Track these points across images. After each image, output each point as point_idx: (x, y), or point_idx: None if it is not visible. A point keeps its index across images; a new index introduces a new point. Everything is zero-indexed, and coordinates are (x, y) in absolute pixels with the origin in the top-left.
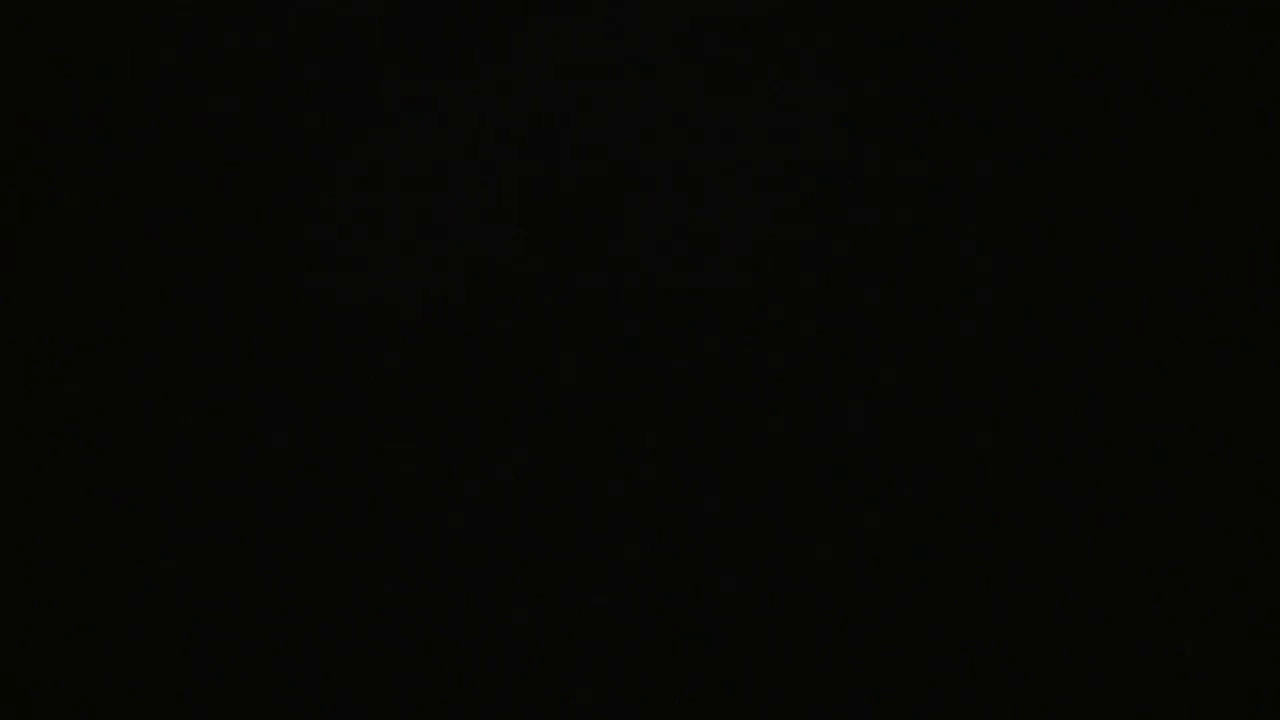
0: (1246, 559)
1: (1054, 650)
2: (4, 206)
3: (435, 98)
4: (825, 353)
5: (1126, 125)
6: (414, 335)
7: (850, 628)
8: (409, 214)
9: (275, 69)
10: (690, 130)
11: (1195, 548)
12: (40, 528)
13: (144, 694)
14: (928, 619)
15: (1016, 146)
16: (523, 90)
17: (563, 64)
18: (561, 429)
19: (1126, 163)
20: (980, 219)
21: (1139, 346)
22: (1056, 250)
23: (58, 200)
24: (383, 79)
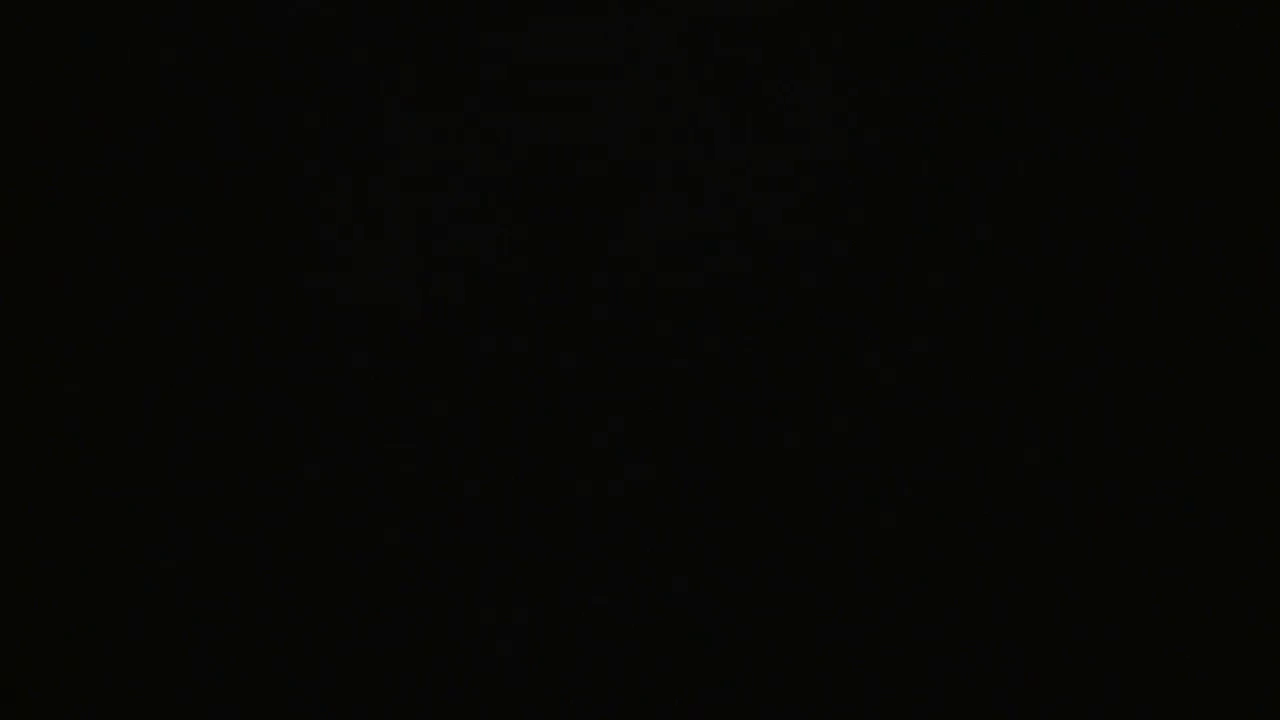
0: (1247, 559)
1: (1054, 650)
2: (4, 206)
3: (435, 98)
4: (825, 353)
5: (1136, 126)
6: (414, 335)
7: (850, 628)
8: (409, 214)
9: (275, 69)
10: (692, 130)
11: (1196, 548)
12: (40, 528)
13: (144, 694)
14: (928, 619)
15: (1025, 147)
16: (523, 90)
17: (563, 64)
18: (561, 429)
19: (1136, 165)
20: (987, 220)
21: (1143, 348)
22: (1062, 251)
23: (58, 200)
24: (382, 79)
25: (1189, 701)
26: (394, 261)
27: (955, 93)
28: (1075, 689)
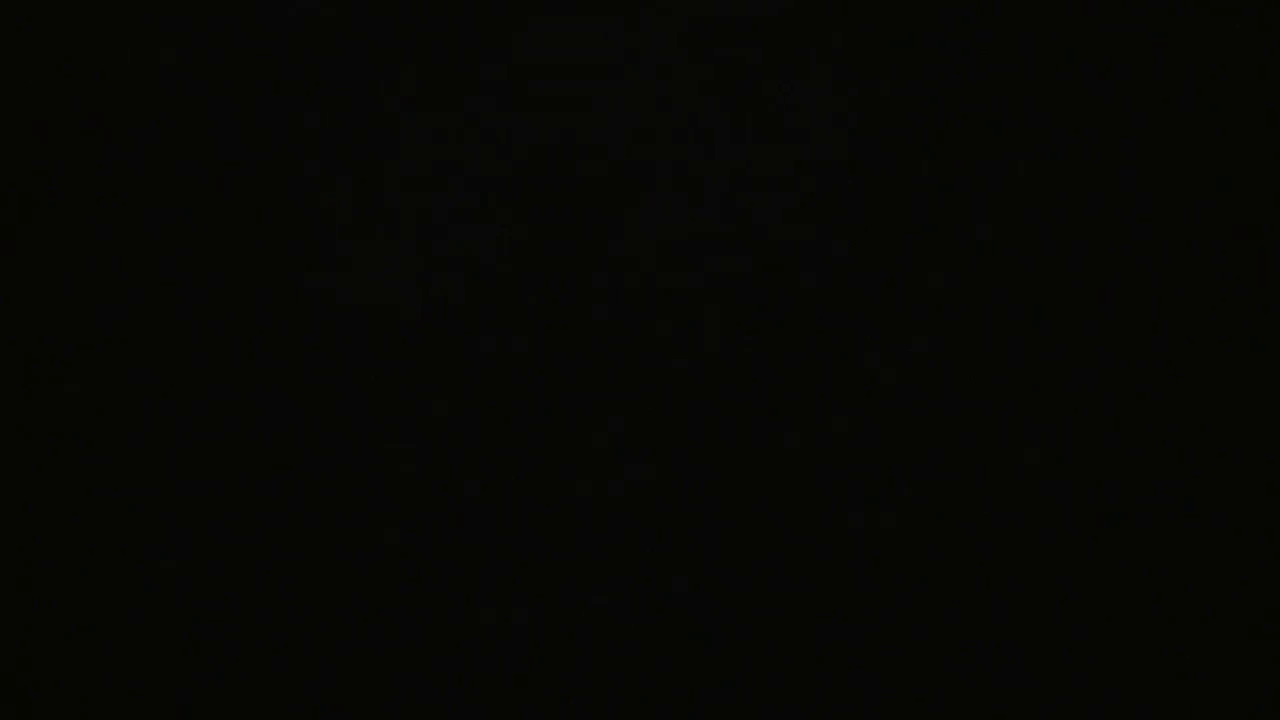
0: (1247, 559)
1: (1054, 650)
2: (4, 206)
3: (435, 98)
4: (825, 353)
5: (1136, 126)
6: (414, 335)
7: (850, 628)
8: (409, 214)
9: (275, 69)
10: (692, 130)
11: (1196, 548)
12: (40, 528)
13: (144, 694)
14: (928, 619)
15: (1025, 147)
16: (523, 90)
17: (563, 64)
18: (561, 429)
19: (1136, 165)
20: (987, 220)
21: (1143, 348)
22: (1062, 251)
23: (58, 200)
24: (382, 79)
25: (1189, 701)
26: (394, 261)
27: (955, 93)
28: (1075, 689)
